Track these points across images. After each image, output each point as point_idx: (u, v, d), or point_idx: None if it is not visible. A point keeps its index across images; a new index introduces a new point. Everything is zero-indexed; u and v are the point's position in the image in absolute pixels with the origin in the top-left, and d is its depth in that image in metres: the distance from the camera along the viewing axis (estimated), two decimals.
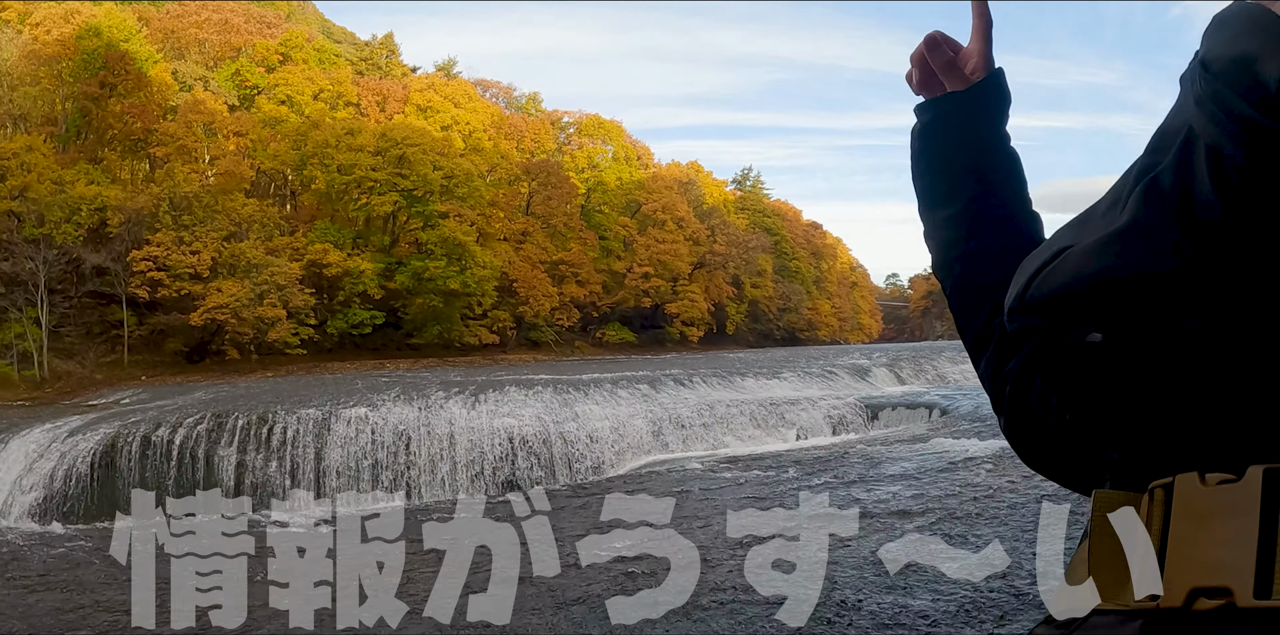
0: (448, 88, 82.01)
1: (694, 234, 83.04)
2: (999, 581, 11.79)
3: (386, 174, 59.51)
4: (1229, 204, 0.90)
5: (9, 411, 32.09)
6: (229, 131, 61.12)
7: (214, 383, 41.42)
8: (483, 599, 12.93)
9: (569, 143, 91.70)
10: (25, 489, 22.42)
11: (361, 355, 57.57)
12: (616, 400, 28.83)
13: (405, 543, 16.96)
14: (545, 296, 68.43)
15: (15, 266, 46.21)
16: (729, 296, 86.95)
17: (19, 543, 19.04)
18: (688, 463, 25.05)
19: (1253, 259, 0.91)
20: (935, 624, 10.57)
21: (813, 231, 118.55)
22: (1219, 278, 0.93)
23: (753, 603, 11.80)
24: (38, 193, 48.61)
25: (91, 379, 46.20)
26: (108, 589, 14.84)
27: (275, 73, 72.17)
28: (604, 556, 15.19)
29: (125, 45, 58.57)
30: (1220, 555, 0.91)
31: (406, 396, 26.76)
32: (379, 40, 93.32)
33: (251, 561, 15.50)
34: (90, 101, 56.76)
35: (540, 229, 74.56)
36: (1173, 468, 0.99)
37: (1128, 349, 1.01)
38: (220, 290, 49.96)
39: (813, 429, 28.56)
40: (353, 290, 57.69)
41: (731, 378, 34.59)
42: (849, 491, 18.98)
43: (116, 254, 49.48)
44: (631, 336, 78.57)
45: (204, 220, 52.40)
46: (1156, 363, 0.99)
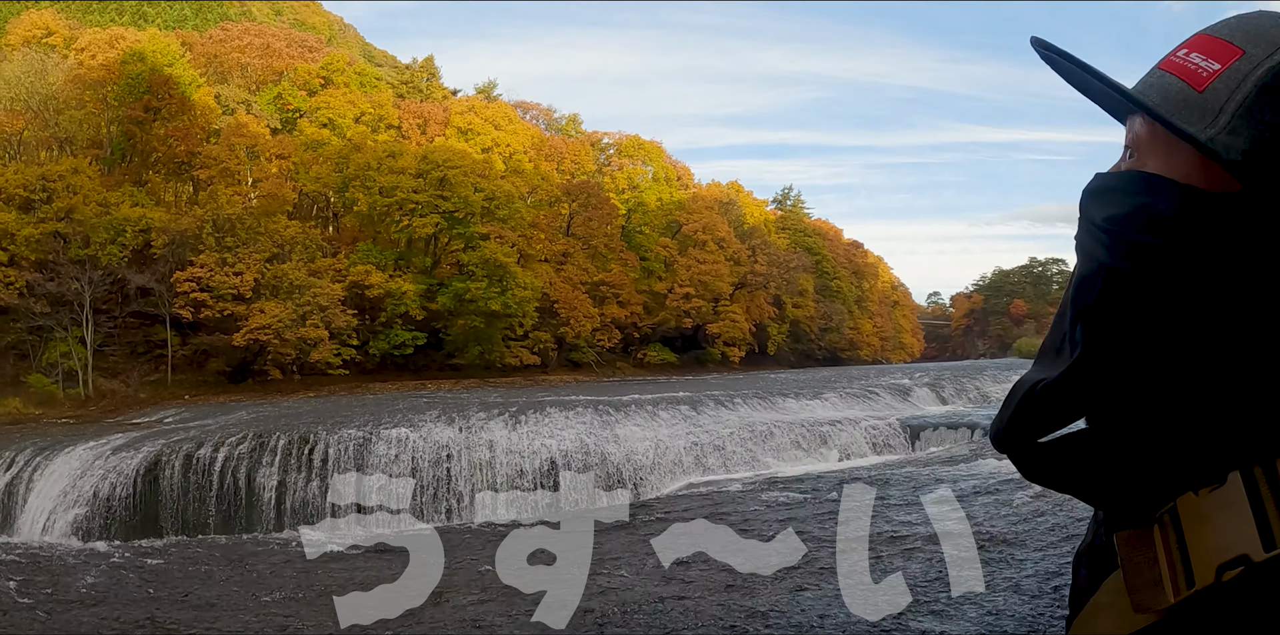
0: (488, 110, 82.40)
1: (735, 254, 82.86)
2: (1040, 605, 11.63)
3: (428, 196, 59.71)
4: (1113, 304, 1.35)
5: (53, 429, 32.39)
6: (271, 154, 61.53)
7: (256, 402, 41.65)
8: (522, 624, 12.87)
9: (609, 164, 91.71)
10: (69, 505, 22.56)
11: (403, 376, 57.70)
12: (657, 421, 28.75)
13: (446, 564, 16.92)
14: (586, 317, 68.39)
15: (61, 286, 46.64)
16: (770, 316, 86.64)
17: (62, 559, 19.14)
18: (729, 484, 24.95)
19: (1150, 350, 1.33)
20: None
21: (854, 250, 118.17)
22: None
23: (789, 627, 11.68)
24: (83, 214, 49.09)
25: (135, 397, 46.54)
26: (151, 606, 14.88)
27: (317, 96, 72.70)
28: (641, 579, 15.12)
29: (169, 70, 59.18)
30: (1229, 536, 1.20)
31: (448, 417, 26.78)
32: (419, 63, 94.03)
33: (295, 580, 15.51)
34: (135, 125, 57.34)
35: (581, 250, 74.60)
36: (1168, 498, 1.31)
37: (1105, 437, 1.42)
38: (263, 311, 50.20)
39: (855, 450, 28.38)
40: (394, 311, 57.84)
41: (773, 398, 34.44)
42: (890, 514, 18.82)
43: (160, 275, 49.87)
44: (673, 357, 78.41)
45: (247, 242, 52.71)
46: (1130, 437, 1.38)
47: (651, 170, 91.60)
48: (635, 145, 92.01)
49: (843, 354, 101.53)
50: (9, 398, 44.45)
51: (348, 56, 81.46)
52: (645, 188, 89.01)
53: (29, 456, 24.54)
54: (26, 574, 17.52)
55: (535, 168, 78.80)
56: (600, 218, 75.92)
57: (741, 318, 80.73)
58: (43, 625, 13.70)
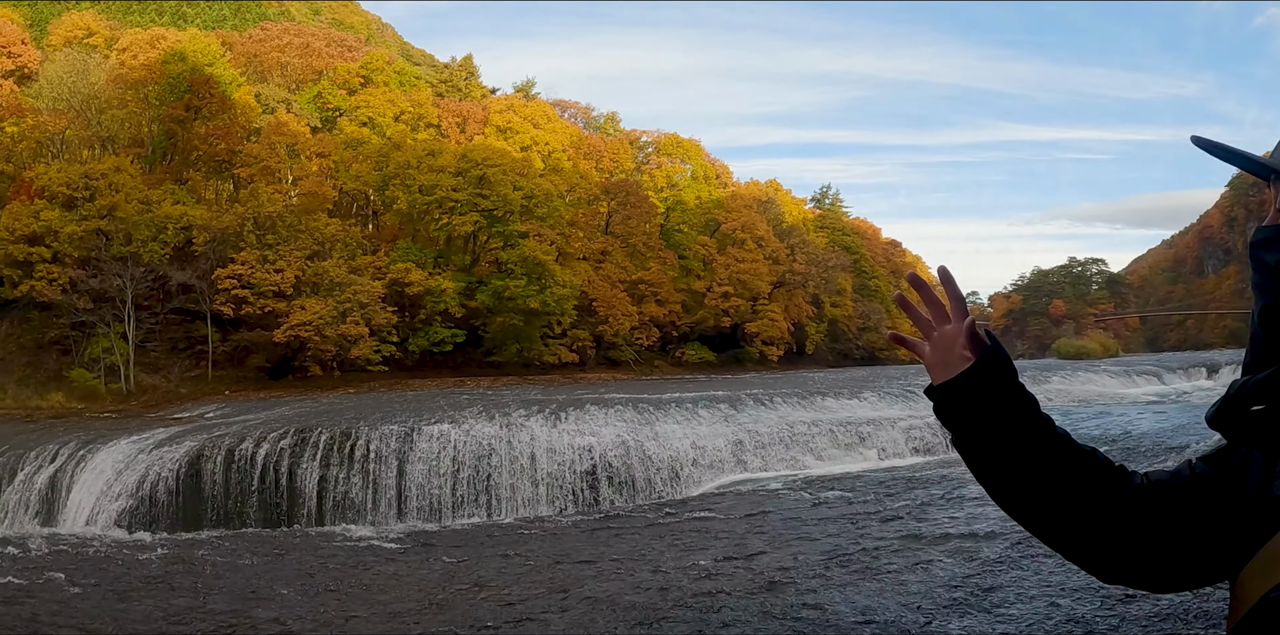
0: (527, 108, 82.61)
1: (773, 253, 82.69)
2: (1084, 606, 11.53)
3: (467, 194, 59.90)
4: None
5: (96, 423, 32.67)
6: (311, 153, 61.92)
7: (296, 398, 41.84)
8: (564, 616, 12.87)
9: (647, 162, 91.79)
10: (113, 498, 22.76)
11: (442, 373, 57.89)
12: (697, 419, 28.68)
13: (488, 559, 16.98)
14: (625, 316, 68.38)
15: (103, 283, 47.11)
16: (808, 316, 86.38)
17: (106, 550, 19.29)
18: (768, 482, 24.88)
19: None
20: None
21: (892, 250, 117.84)
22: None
23: (831, 625, 11.63)
24: (125, 212, 49.54)
25: (176, 393, 46.92)
26: (196, 596, 14.98)
27: (356, 95, 73.18)
28: (682, 575, 15.09)
29: (209, 69, 59.66)
30: None
31: (488, 413, 26.82)
32: (458, 62, 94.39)
33: (336, 573, 15.56)
34: (176, 124, 57.80)
35: (619, 248, 74.68)
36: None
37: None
38: (303, 308, 50.47)
39: (894, 450, 28.24)
40: (434, 309, 58.02)
41: (811, 397, 34.30)
42: (931, 513, 18.72)
43: (201, 272, 50.24)
44: (711, 356, 78.31)
45: (287, 239, 53.00)
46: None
47: (690, 168, 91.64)
48: (674, 143, 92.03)
49: (880, 354, 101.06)
50: (52, 392, 44.96)
51: (387, 55, 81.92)
52: (684, 186, 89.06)
53: (72, 450, 24.76)
54: (72, 564, 17.67)
55: (574, 166, 78.94)
56: (639, 216, 75.99)
57: (780, 317, 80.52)
58: (91, 614, 13.81)
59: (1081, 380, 47.10)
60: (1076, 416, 30.93)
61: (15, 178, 52.38)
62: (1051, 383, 44.29)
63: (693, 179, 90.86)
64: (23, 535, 21.40)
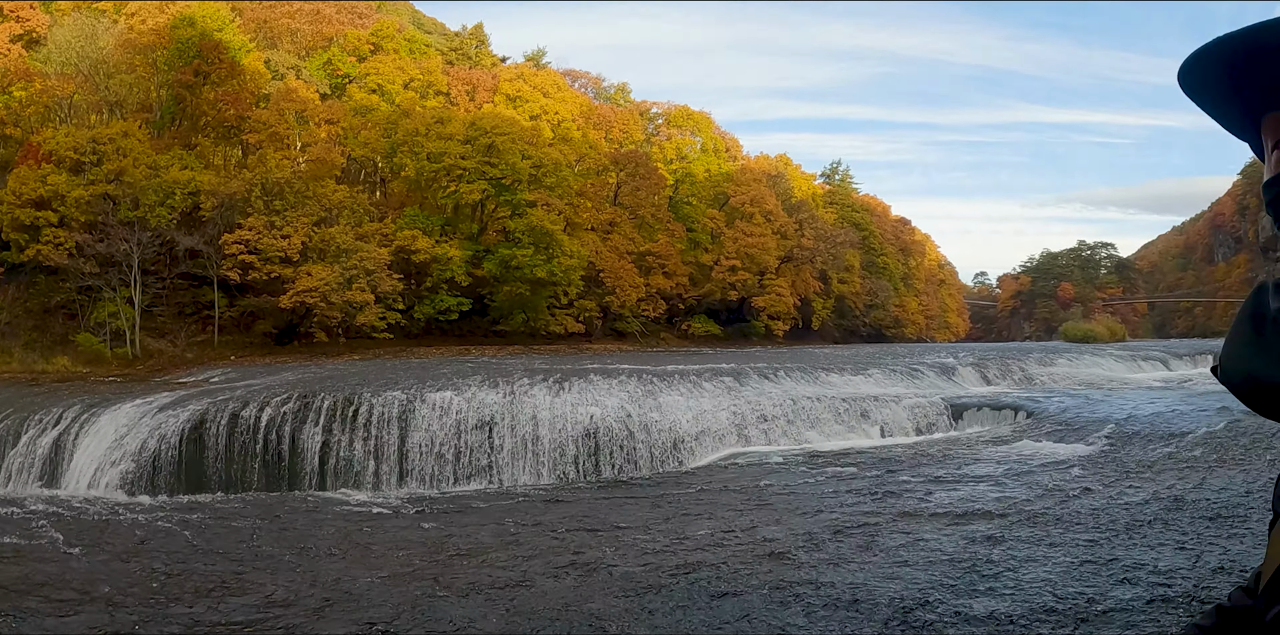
0: (537, 78, 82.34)
1: (782, 228, 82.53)
2: (1079, 586, 11.54)
3: (475, 162, 59.81)
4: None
5: (101, 387, 32.72)
6: (320, 119, 61.82)
7: (301, 364, 41.91)
8: (559, 583, 12.89)
9: (657, 133, 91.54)
10: (115, 461, 22.80)
11: (447, 341, 57.97)
12: (701, 392, 28.70)
13: (487, 525, 17.01)
14: (632, 287, 68.41)
15: (110, 248, 47.07)
16: (815, 291, 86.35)
17: (108, 513, 19.33)
18: (769, 456, 24.93)
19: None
20: (1009, 626, 10.35)
21: (901, 227, 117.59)
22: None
23: (827, 599, 11.64)
24: (133, 177, 49.49)
25: (182, 358, 47.01)
26: (197, 558, 15.02)
27: (366, 62, 72.91)
28: (680, 545, 15.11)
29: (219, 35, 59.42)
30: None
31: (491, 382, 26.83)
32: (469, 30, 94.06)
33: (335, 538, 15.60)
34: (184, 89, 57.64)
35: (628, 219, 74.56)
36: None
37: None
38: (310, 274, 50.49)
39: (896, 427, 28.26)
40: (440, 277, 58.03)
41: (816, 373, 34.30)
42: (930, 491, 18.73)
43: (209, 237, 50.25)
44: (717, 329, 78.37)
45: (295, 205, 52.99)
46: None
47: (700, 141, 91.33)
48: (684, 116, 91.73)
49: (887, 331, 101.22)
50: (58, 356, 45.03)
51: (397, 23, 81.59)
52: (693, 159, 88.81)
53: (77, 413, 24.80)
54: (73, 526, 17.72)
55: (583, 136, 78.72)
56: (648, 188, 75.84)
57: (787, 292, 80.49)
58: (89, 575, 13.85)
59: (1087, 363, 47.07)
60: (1081, 399, 30.92)
61: (23, 142, 52.22)
62: (1057, 366, 44.27)
63: (702, 152, 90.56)
64: (25, 497, 21.46)
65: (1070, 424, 26.23)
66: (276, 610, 11.94)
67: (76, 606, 12.12)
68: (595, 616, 11.35)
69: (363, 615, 11.59)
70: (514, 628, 11.00)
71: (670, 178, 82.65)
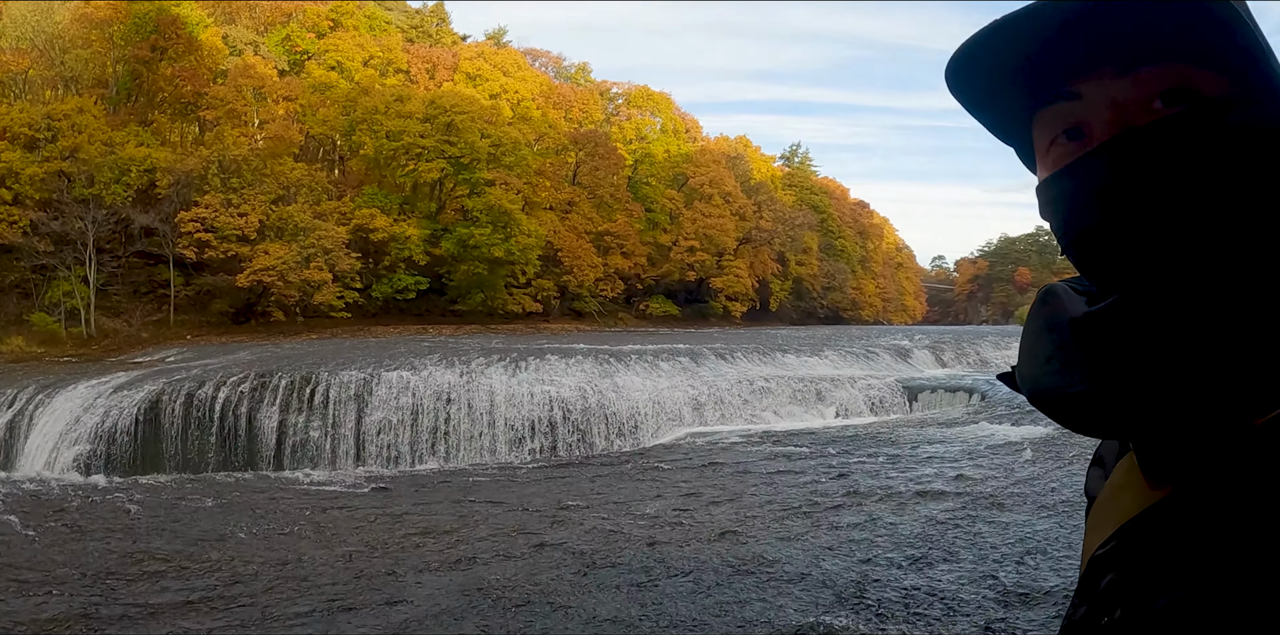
0: (497, 56, 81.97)
1: (740, 209, 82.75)
2: (1025, 568, 11.76)
3: (434, 141, 59.58)
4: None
5: (56, 367, 32.53)
6: (278, 96, 61.28)
7: (258, 343, 41.80)
8: (513, 561, 13.04)
9: (617, 114, 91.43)
10: (71, 442, 22.74)
11: (405, 320, 57.88)
12: (657, 372, 28.87)
13: (443, 504, 17.14)
14: (590, 267, 68.44)
15: (65, 226, 46.58)
16: (774, 273, 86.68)
17: (64, 493, 19.31)
18: (725, 436, 25.12)
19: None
20: (957, 604, 10.56)
21: (859, 210, 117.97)
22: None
23: (779, 577, 11.82)
24: (88, 153, 48.98)
25: (137, 337, 46.67)
26: (152, 537, 15.06)
27: (325, 39, 72.35)
28: (634, 524, 15.28)
29: (176, 9, 58.68)
30: None
31: (448, 361, 26.92)
32: (429, 8, 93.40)
33: (292, 517, 15.69)
34: (141, 65, 57.11)
35: (586, 199, 74.49)
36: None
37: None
38: (267, 252, 50.24)
39: (852, 408, 28.50)
40: (398, 256, 57.89)
41: (773, 354, 34.52)
42: (884, 471, 18.96)
43: (165, 215, 49.85)
44: (675, 310, 78.51)
45: (252, 183, 52.66)
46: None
47: (660, 122, 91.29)
48: (644, 96, 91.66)
49: (844, 313, 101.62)
50: (12, 336, 44.59)
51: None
52: (653, 139, 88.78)
53: (31, 394, 24.67)
54: (29, 507, 17.68)
55: (543, 115, 78.45)
56: (607, 167, 75.76)
57: (745, 273, 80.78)
58: (42, 555, 13.87)
59: None
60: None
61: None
62: (1013, 349, 44.17)
63: (662, 132, 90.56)
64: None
65: (1023, 407, 26.49)
66: (235, 588, 12.03)
67: (34, 587, 12.16)
68: (549, 591, 11.50)
69: (320, 592, 11.70)
70: (469, 602, 11.14)
71: (629, 158, 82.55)
